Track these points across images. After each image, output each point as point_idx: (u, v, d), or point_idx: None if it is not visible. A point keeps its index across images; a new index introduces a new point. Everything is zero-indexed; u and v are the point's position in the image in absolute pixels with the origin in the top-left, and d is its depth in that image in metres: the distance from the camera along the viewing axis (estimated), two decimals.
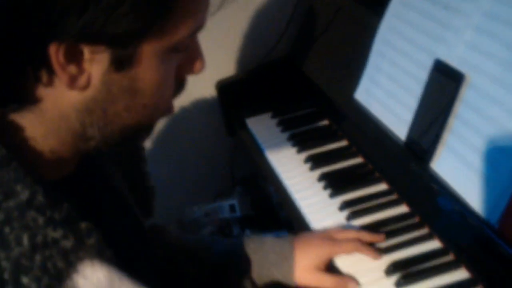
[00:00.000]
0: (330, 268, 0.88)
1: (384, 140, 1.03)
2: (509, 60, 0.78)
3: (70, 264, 0.53)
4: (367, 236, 0.91)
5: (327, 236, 0.91)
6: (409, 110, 0.95)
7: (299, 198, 1.07)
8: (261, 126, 1.32)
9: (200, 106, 1.59)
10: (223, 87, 1.41)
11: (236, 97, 1.40)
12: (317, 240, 0.90)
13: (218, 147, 1.63)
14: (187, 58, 0.63)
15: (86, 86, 0.56)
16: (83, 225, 0.56)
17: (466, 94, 0.83)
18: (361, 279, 0.87)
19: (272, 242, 0.91)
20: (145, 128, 0.65)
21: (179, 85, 0.64)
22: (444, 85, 0.88)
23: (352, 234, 0.91)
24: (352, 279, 0.86)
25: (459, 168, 0.82)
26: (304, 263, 0.87)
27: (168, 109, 0.65)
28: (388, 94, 1.02)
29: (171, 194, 1.61)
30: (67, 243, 0.53)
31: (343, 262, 0.89)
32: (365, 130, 1.11)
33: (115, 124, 0.60)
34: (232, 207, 1.52)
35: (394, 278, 0.85)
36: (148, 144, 1.56)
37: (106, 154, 0.76)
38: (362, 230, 0.93)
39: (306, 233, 0.95)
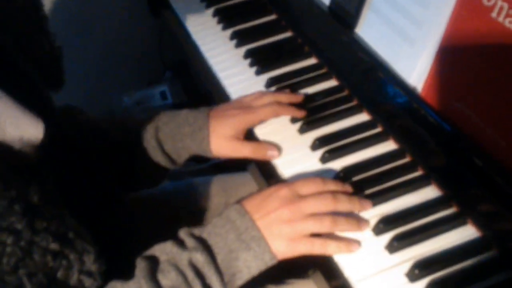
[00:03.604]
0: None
1: (312, 9, 0.95)
2: None
3: None
4: (284, 97, 0.87)
5: (244, 104, 0.86)
6: None
7: (224, 77, 0.99)
8: (185, 3, 1.21)
9: None
10: None
11: None
12: (232, 110, 0.85)
13: (145, 30, 1.51)
14: None
15: None
16: None
17: None
18: (287, 157, 0.82)
19: (185, 114, 0.85)
20: None
21: None
22: None
23: (269, 99, 0.86)
24: (271, 144, 0.83)
25: (384, 31, 0.76)
26: (220, 132, 0.82)
27: None
28: None
29: (98, 83, 1.52)
30: None
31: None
32: (293, 1, 1.02)
33: None
34: (163, 94, 1.45)
35: (319, 152, 0.81)
36: (67, 31, 1.44)
37: None
38: (279, 92, 0.89)
39: (223, 104, 0.89)
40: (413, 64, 0.71)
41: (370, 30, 0.80)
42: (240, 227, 0.66)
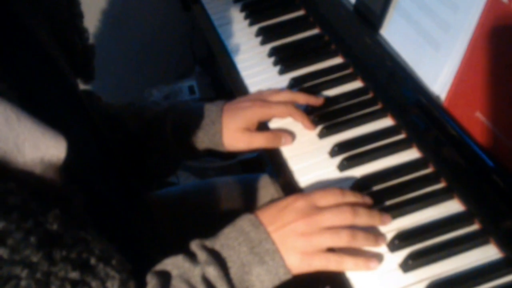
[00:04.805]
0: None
1: (338, 7, 0.91)
2: None
3: None
4: (303, 98, 0.84)
5: (260, 98, 0.84)
6: None
7: (246, 76, 0.96)
8: None
9: None
10: None
11: None
12: (247, 103, 0.83)
13: (178, 23, 1.50)
14: None
15: None
16: None
17: None
18: (305, 162, 0.79)
19: (200, 108, 0.84)
20: None
21: None
22: None
23: (287, 96, 0.83)
24: (285, 132, 0.81)
25: (409, 33, 0.71)
26: (232, 125, 0.81)
27: None
28: None
29: (130, 76, 1.52)
30: None
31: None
32: None
33: None
34: (191, 89, 1.43)
35: (338, 159, 0.77)
36: (101, 24, 1.44)
37: (28, 5, 0.66)
38: (298, 92, 0.85)
39: (240, 97, 0.87)
40: (438, 71, 0.67)
41: (395, 31, 0.76)
42: (254, 240, 0.63)
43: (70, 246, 0.52)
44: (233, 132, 0.81)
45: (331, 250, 0.65)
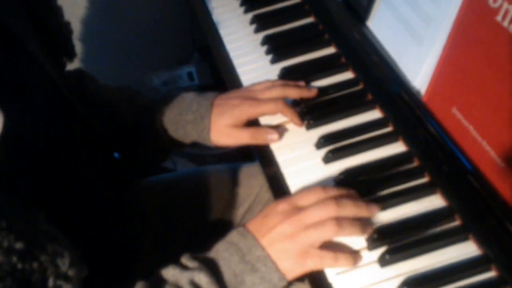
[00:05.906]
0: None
1: None
2: None
3: None
4: (295, 92, 0.83)
5: (250, 94, 0.83)
6: None
7: (238, 64, 0.96)
8: None
9: None
10: None
11: None
12: (237, 100, 0.82)
13: (178, 10, 1.49)
14: None
15: None
16: None
17: None
18: (290, 154, 0.79)
19: (190, 101, 0.84)
20: None
21: None
22: None
23: (278, 93, 0.82)
24: (270, 128, 0.81)
25: (394, 26, 0.70)
26: (220, 123, 0.81)
27: None
28: None
29: (130, 61, 1.52)
30: None
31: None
32: None
33: None
34: (190, 75, 1.43)
35: (323, 151, 0.76)
36: (102, 9, 1.44)
37: None
38: (290, 85, 0.83)
39: (231, 91, 0.86)
40: (419, 65, 0.66)
41: (381, 24, 0.74)
42: (243, 248, 0.63)
43: (11, 219, 0.50)
44: (220, 128, 0.80)
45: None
